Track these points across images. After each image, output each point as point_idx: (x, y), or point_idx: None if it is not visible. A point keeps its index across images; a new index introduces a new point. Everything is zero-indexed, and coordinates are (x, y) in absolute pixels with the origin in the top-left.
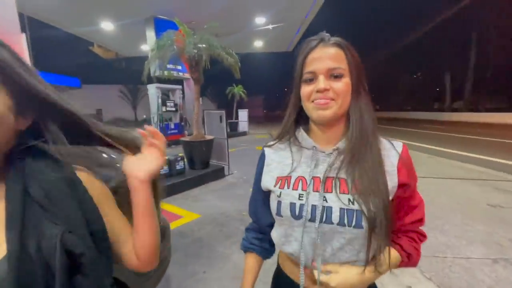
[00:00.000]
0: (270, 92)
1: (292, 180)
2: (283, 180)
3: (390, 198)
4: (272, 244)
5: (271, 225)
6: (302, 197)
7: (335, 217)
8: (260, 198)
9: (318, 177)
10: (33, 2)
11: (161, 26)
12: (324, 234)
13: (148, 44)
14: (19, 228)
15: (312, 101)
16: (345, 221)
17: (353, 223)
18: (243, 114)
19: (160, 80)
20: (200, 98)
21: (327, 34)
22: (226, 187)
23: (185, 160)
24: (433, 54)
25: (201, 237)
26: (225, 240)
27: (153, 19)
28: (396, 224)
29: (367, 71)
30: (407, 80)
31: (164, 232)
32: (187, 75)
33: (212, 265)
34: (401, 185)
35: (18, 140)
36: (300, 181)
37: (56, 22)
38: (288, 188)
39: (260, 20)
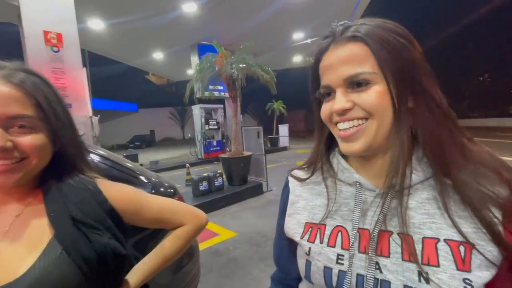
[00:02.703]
0: (312, 106)
1: (328, 232)
2: (314, 229)
3: (492, 275)
4: None
5: (301, 279)
6: (342, 259)
7: None
8: (285, 245)
9: (366, 229)
10: (97, 41)
11: (204, 50)
12: None
13: (193, 68)
14: (70, 239)
15: (335, 124)
16: None
17: None
18: (283, 129)
19: (204, 100)
20: (241, 115)
21: (342, 23)
22: (264, 204)
23: (224, 176)
24: (503, 53)
25: (236, 257)
26: (260, 262)
27: (197, 45)
28: None
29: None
30: (473, 84)
31: (192, 252)
32: (227, 94)
33: None
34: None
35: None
36: (339, 233)
37: (116, 56)
38: (321, 243)
39: (298, 36)
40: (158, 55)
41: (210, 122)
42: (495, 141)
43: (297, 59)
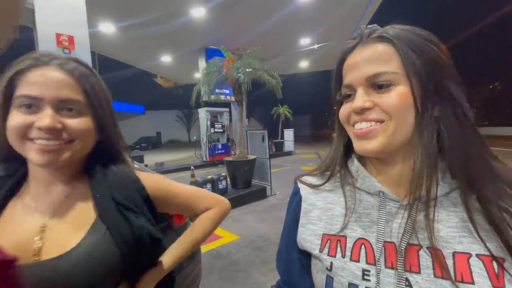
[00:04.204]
0: (317, 111)
1: (349, 244)
2: (334, 242)
3: None
4: None
5: None
6: (368, 275)
7: None
8: (295, 257)
9: (392, 243)
10: (107, 44)
11: (211, 54)
12: None
13: (200, 72)
14: (113, 219)
15: (353, 125)
16: None
17: None
18: (288, 134)
19: (210, 103)
20: (246, 119)
21: (371, 27)
22: (267, 208)
23: (228, 179)
24: None
25: (238, 261)
26: (262, 266)
27: (204, 49)
28: None
29: None
30: (482, 91)
31: (193, 255)
32: (233, 98)
33: None
34: None
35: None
36: (363, 246)
37: (126, 59)
38: (344, 257)
39: (305, 41)
40: (166, 59)
41: (216, 125)
42: (504, 150)
43: (303, 64)
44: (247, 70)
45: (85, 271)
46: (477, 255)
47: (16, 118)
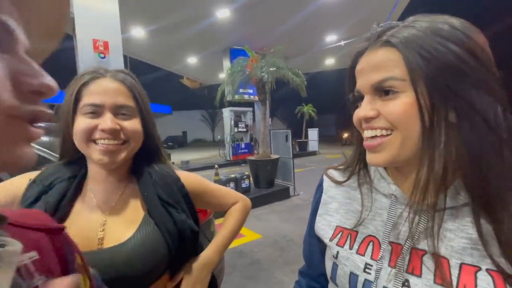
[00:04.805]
0: (343, 110)
1: (359, 239)
2: (345, 234)
3: None
4: None
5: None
6: (370, 269)
7: None
8: (314, 242)
9: (399, 244)
10: (137, 48)
11: (236, 54)
12: None
13: (224, 72)
14: (159, 215)
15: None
16: None
17: None
18: (313, 133)
19: (234, 103)
20: (269, 119)
21: (383, 25)
22: (290, 208)
23: (251, 178)
24: None
25: (260, 260)
26: (284, 266)
27: (229, 49)
28: None
29: None
30: None
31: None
32: (257, 98)
33: None
34: None
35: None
36: (371, 243)
37: (154, 62)
38: (351, 249)
39: (330, 38)
40: (192, 60)
41: (239, 125)
42: None
43: (329, 62)
44: (270, 69)
45: (140, 259)
46: (487, 270)
47: (82, 123)
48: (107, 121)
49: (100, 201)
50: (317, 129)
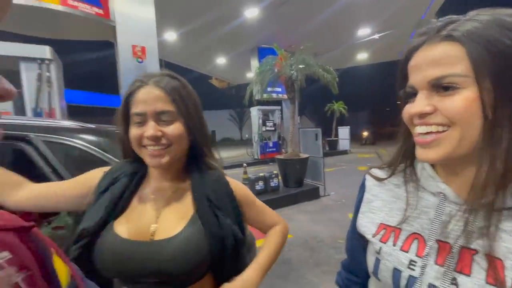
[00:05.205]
0: (377, 107)
1: (403, 236)
2: (388, 231)
3: None
4: None
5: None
6: (414, 265)
7: None
8: (357, 239)
9: (447, 243)
10: (170, 52)
11: (264, 53)
12: None
13: (252, 71)
14: (206, 216)
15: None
16: None
17: None
18: (344, 132)
19: (262, 102)
20: (298, 117)
21: (442, 20)
22: (320, 209)
23: (280, 177)
24: None
25: (290, 259)
26: (315, 268)
27: (257, 48)
28: None
29: None
30: None
31: (250, 247)
32: (285, 96)
33: None
34: None
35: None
36: (416, 240)
37: (186, 64)
38: (394, 245)
39: (363, 32)
40: (221, 60)
41: (267, 124)
42: None
43: (361, 56)
44: (300, 66)
45: (183, 255)
46: None
47: (133, 132)
48: (149, 129)
49: (154, 197)
50: (349, 127)
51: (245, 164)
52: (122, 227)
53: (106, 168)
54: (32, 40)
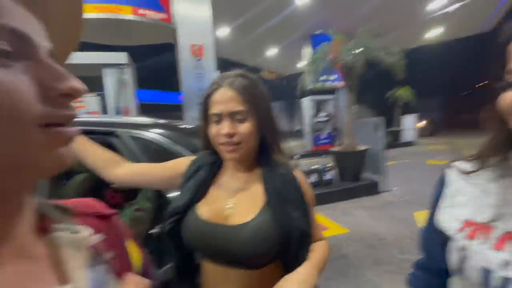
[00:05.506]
0: (452, 91)
1: (495, 235)
2: (476, 228)
3: None
4: None
5: (446, 270)
6: (510, 266)
7: None
8: (437, 237)
9: None
10: (223, 48)
11: (317, 41)
12: None
13: (304, 60)
14: (275, 207)
15: None
16: None
17: None
18: (409, 121)
19: (314, 92)
20: (356, 106)
21: None
22: (381, 205)
23: (334, 170)
24: None
25: (348, 255)
26: (376, 266)
27: (309, 36)
28: None
29: None
30: None
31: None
32: (340, 84)
33: None
34: None
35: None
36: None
37: (239, 59)
38: (484, 243)
39: (435, 5)
40: (272, 52)
41: (320, 114)
42: None
43: (431, 34)
44: (358, 51)
45: (253, 241)
46: None
47: (212, 129)
48: (224, 127)
49: (230, 185)
50: (415, 115)
51: (297, 156)
52: (203, 209)
53: (192, 157)
54: (102, 48)
